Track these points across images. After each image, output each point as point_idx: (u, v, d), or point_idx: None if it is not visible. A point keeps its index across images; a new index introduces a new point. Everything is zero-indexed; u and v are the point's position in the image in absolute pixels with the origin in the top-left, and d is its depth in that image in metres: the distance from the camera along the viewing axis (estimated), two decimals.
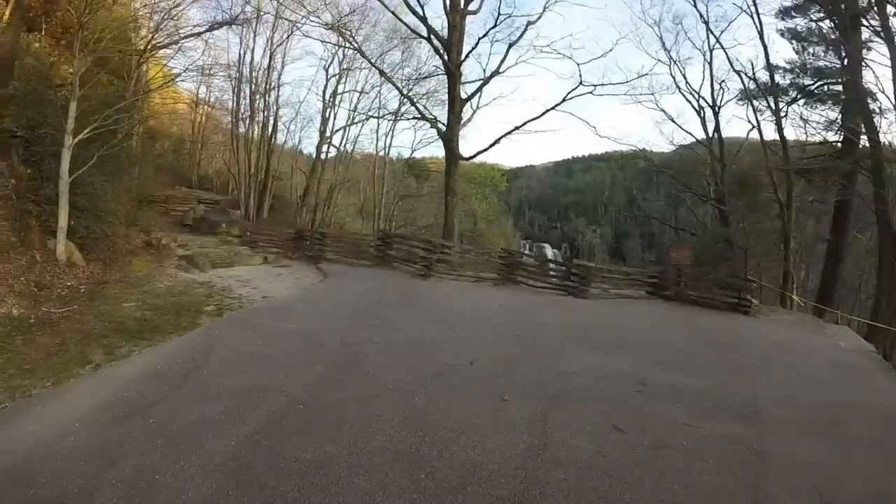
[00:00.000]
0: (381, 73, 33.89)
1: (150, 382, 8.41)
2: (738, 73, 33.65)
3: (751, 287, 20.76)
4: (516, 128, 30.23)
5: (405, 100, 36.17)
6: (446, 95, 30.65)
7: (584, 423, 8.21)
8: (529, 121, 30.53)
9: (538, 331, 14.34)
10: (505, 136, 30.41)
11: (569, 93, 30.50)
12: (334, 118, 44.24)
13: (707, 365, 12.30)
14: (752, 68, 33.14)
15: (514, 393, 9.24)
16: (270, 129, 42.40)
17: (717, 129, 35.64)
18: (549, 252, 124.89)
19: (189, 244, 24.11)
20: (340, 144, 46.82)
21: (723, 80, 35.40)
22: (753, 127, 34.36)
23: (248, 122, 41.62)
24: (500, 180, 59.21)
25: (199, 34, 35.41)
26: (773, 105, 31.32)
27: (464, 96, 29.92)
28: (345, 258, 24.81)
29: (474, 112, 33.23)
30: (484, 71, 30.89)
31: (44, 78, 17.50)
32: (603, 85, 32.28)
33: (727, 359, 13.17)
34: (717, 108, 35.48)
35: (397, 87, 35.74)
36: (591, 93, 30.72)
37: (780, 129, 30.79)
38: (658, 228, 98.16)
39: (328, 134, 43.77)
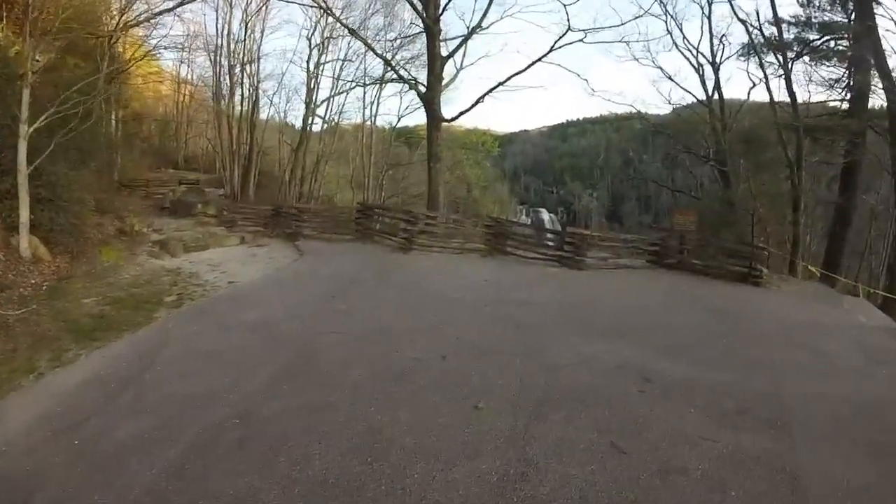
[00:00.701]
0: (354, 33, 31.57)
1: (89, 392, 7.73)
2: (742, 22, 30.62)
3: (762, 255, 18.46)
4: (500, 83, 27.80)
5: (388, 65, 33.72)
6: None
7: (575, 440, 6.55)
8: (514, 75, 28.17)
9: (525, 312, 12.53)
10: (488, 93, 27.92)
11: (556, 41, 28.02)
12: (318, 89, 42.46)
13: (720, 352, 10.41)
14: (758, 18, 30.37)
15: (490, 397, 7.67)
16: (251, 102, 40.87)
17: (717, 86, 33.19)
18: (546, 216, 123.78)
19: (164, 228, 23.28)
20: (326, 115, 45.16)
21: (723, 35, 32.77)
22: (755, 84, 32.26)
23: (227, 96, 40.00)
24: (491, 145, 57.18)
25: (170, 10, 34.23)
26: (780, 59, 28.88)
27: (445, 54, 27.61)
28: (324, 234, 23.21)
29: (458, 72, 31.36)
30: (467, 27, 28.48)
31: (2, 66, 16.12)
32: (594, 30, 29.52)
33: (742, 343, 11.17)
34: (717, 65, 33.01)
35: (373, 50, 33.49)
36: (581, 41, 28.22)
37: (788, 85, 28.17)
38: (655, 191, 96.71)
39: (313, 105, 42.08)
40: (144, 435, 6.44)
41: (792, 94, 27.88)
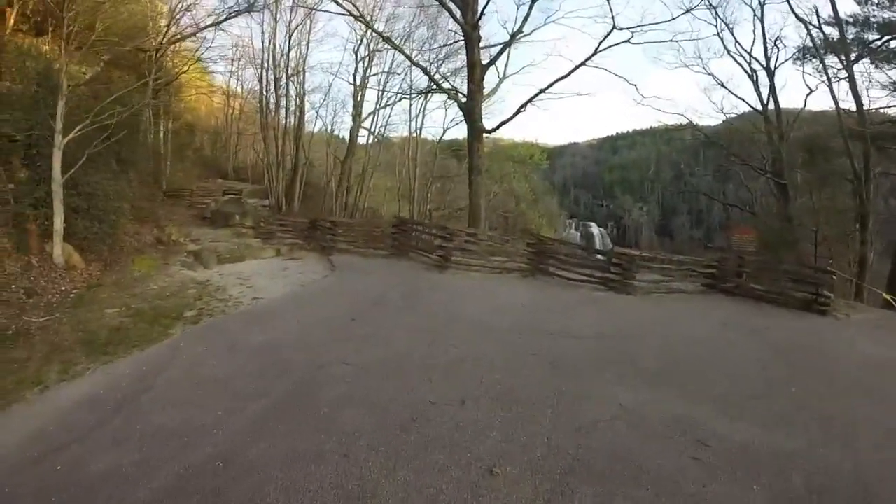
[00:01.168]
0: (391, 43, 29.94)
1: (83, 413, 7.45)
2: (801, 20, 28.67)
3: (829, 280, 16.10)
4: (542, 90, 25.90)
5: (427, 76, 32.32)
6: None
7: None
8: (557, 81, 26.04)
9: (562, 346, 11.01)
10: (530, 101, 26.33)
11: (601, 42, 25.91)
12: (363, 101, 42.00)
13: (789, 406, 8.63)
14: (817, 16, 28.25)
15: (509, 459, 6.29)
16: (297, 114, 40.40)
17: (772, 92, 31.18)
18: (596, 230, 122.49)
19: (202, 238, 22.90)
20: (372, 127, 44.37)
21: (777, 38, 31.06)
22: (811, 91, 30.52)
23: (274, 109, 39.39)
24: (539, 158, 55.40)
25: (216, 24, 34.63)
26: (843, 60, 26.62)
27: (486, 62, 25.91)
28: (359, 248, 22.33)
29: (501, 81, 29.46)
30: (509, 34, 26.63)
31: (46, 79, 16.26)
32: (640, 27, 27.18)
33: (814, 393, 9.26)
34: (771, 70, 31.05)
35: (412, 61, 32.07)
36: (628, 41, 26.02)
37: (853, 88, 25.72)
38: (706, 204, 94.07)
39: (359, 117, 41.51)
40: (122, 469, 6.02)
41: (857, 98, 25.58)
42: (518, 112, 26.75)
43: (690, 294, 17.18)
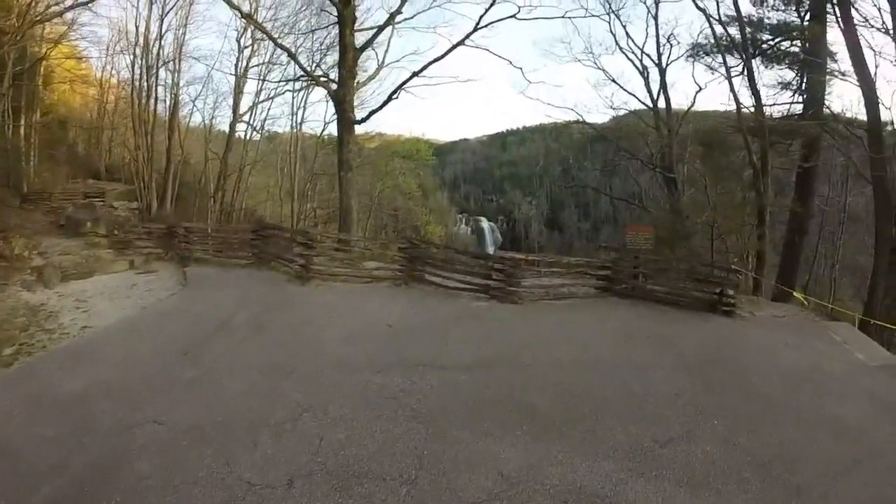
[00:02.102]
0: (251, 20, 26.02)
1: None
2: (701, 10, 26.80)
3: (735, 279, 14.58)
4: (415, 73, 22.88)
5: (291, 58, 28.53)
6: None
7: None
8: (432, 62, 22.84)
9: (431, 384, 8.56)
10: (403, 85, 23.06)
11: (482, 16, 22.81)
12: (243, 94, 38.80)
13: (719, 449, 6.61)
14: (717, 8, 26.54)
15: None
16: (171, 106, 37.51)
17: (663, 89, 29.85)
18: (486, 225, 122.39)
19: (50, 250, 20.03)
20: (253, 121, 40.50)
21: (670, 35, 29.62)
22: (700, 89, 29.17)
23: (145, 100, 35.90)
24: (426, 153, 52.57)
25: (84, 3, 30.10)
26: (743, 56, 25.22)
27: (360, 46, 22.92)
28: (219, 256, 19.53)
29: (380, 67, 25.73)
30: (389, 14, 23.37)
31: None
32: (529, 5, 24.18)
33: (745, 425, 7.32)
34: (663, 67, 29.78)
35: (273, 39, 28.99)
36: (514, 16, 23.24)
37: (752, 85, 24.42)
38: (593, 198, 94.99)
39: (240, 110, 38.26)
40: None
41: (756, 93, 24.48)
42: (390, 99, 23.14)
43: (583, 299, 14.88)
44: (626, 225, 17.96)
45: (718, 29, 26.66)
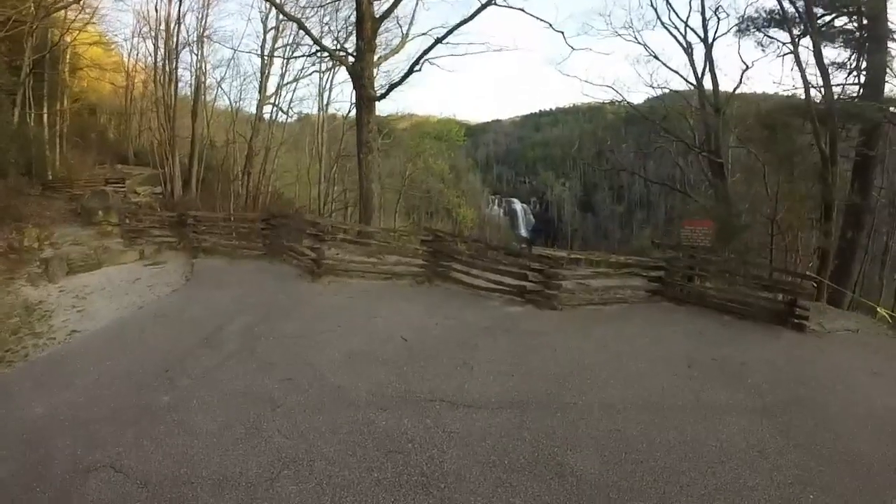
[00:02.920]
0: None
1: None
2: None
3: (809, 289, 11.91)
4: (439, 40, 19.94)
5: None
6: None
7: None
8: (459, 25, 19.89)
9: (447, 429, 6.45)
10: (426, 53, 20.29)
11: None
12: (269, 76, 37.09)
13: None
14: None
15: None
16: (194, 89, 35.75)
17: (710, 66, 26.82)
18: (519, 207, 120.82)
19: (62, 240, 19.17)
20: (277, 101, 38.80)
21: (717, 7, 26.69)
22: (748, 67, 26.29)
23: (167, 83, 34.34)
24: (458, 133, 49.89)
25: None
26: (805, 27, 21.90)
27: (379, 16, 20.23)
28: (229, 247, 17.77)
29: (405, 40, 23.13)
30: None
31: None
32: None
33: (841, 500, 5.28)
34: (709, 43, 26.75)
35: (282, 11, 26.79)
36: None
37: (819, 60, 20.61)
38: (628, 181, 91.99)
39: (266, 92, 36.68)
40: None
41: (824, 71, 20.82)
42: (412, 71, 20.52)
43: (633, 305, 12.60)
44: (683, 219, 15.05)
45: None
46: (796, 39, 22.10)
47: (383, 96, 20.41)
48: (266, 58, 34.99)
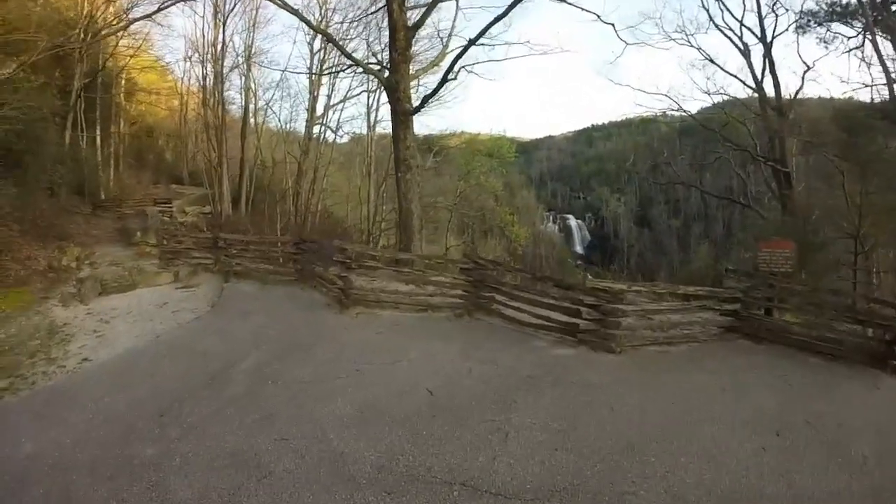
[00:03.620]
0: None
1: None
2: None
3: None
4: (472, 42, 17.25)
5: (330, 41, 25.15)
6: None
7: None
8: (492, 23, 17.09)
9: None
10: (460, 58, 17.93)
11: None
12: (318, 97, 36.07)
13: None
14: None
15: None
16: (244, 110, 35.79)
17: (770, 68, 24.60)
18: (574, 223, 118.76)
19: (101, 260, 18.84)
20: (326, 121, 38.12)
21: (775, 2, 24.35)
22: (809, 68, 24.17)
23: (216, 105, 33.90)
24: (509, 150, 47.92)
25: (148, 16, 28.48)
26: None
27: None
28: (261, 271, 16.56)
29: (444, 51, 20.49)
30: None
31: None
32: None
33: None
34: (768, 42, 24.51)
35: (310, 25, 23.87)
36: None
37: None
38: (684, 194, 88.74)
39: (315, 113, 35.74)
40: None
41: None
42: (446, 80, 18.38)
43: (704, 344, 10.61)
44: (759, 241, 12.51)
45: None
46: (868, 32, 19.97)
47: (418, 109, 18.29)
48: (312, 77, 34.40)
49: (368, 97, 37.93)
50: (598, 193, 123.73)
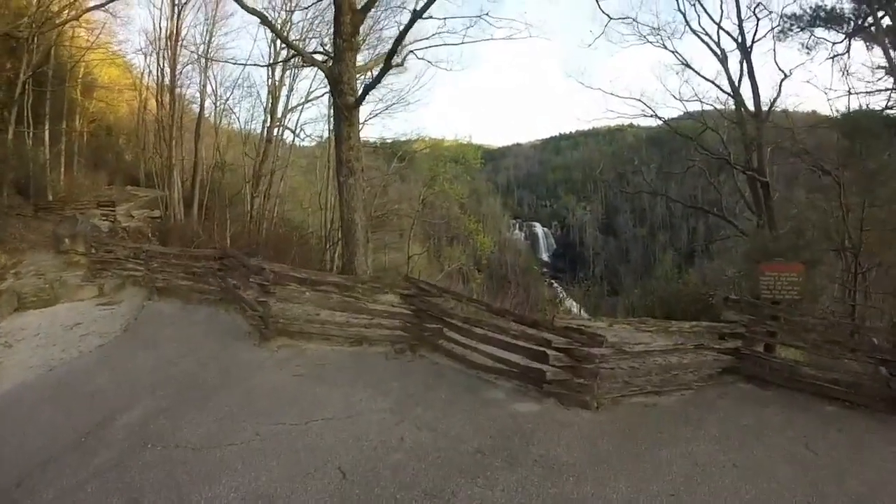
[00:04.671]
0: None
1: None
2: None
3: None
4: (417, 15, 13.72)
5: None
6: None
7: None
8: None
9: None
10: (406, 33, 14.88)
11: None
12: (278, 96, 33.55)
13: None
14: None
15: None
16: (199, 108, 33.64)
17: (749, 73, 22.83)
18: (540, 230, 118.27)
19: (25, 271, 17.02)
20: (285, 124, 35.40)
21: (757, 4, 22.66)
22: (786, 76, 22.63)
23: (169, 102, 31.63)
24: (474, 156, 45.33)
25: (101, 5, 28.19)
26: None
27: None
28: (183, 288, 14.21)
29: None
30: None
31: None
32: None
33: None
34: (747, 47, 22.73)
35: (247, 9, 19.45)
36: None
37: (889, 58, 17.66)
38: (649, 203, 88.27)
39: (276, 113, 33.35)
40: None
41: None
42: (390, 62, 15.07)
43: (699, 390, 8.34)
44: (761, 264, 10.05)
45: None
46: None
47: (359, 101, 15.17)
48: (268, 69, 32.36)
49: (330, 99, 35.69)
50: (565, 201, 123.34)
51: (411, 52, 16.39)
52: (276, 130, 33.70)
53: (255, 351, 9.65)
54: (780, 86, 23.12)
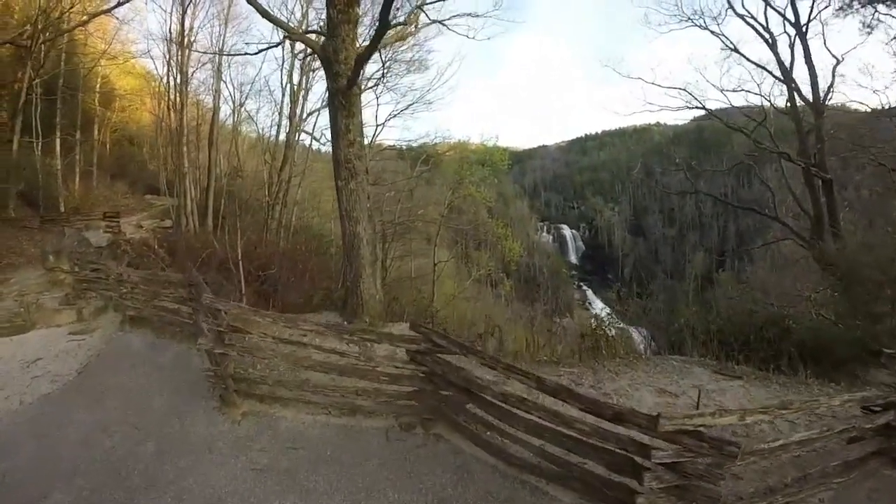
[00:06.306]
0: None
1: None
2: None
3: None
4: None
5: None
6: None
7: None
8: None
9: None
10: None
11: None
12: (299, 101, 30.76)
13: None
14: None
15: None
16: (213, 115, 31.55)
17: (805, 56, 19.42)
18: (568, 233, 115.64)
19: (10, 289, 15.76)
20: (302, 128, 32.12)
21: None
22: (839, 61, 19.18)
23: (180, 108, 29.35)
24: (500, 158, 42.35)
25: (105, 11, 28.17)
26: None
27: None
28: (156, 318, 11.45)
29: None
30: None
31: None
32: None
33: None
34: (801, 26, 19.37)
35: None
36: None
37: None
38: (678, 203, 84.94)
39: (297, 119, 30.63)
40: None
41: None
42: (385, 24, 9.89)
43: (841, 487, 5.29)
44: None
45: None
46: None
47: (353, 80, 10.79)
48: (294, 85, 30.00)
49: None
50: (592, 203, 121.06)
51: (418, 7, 13.26)
52: (295, 135, 31.10)
53: (212, 419, 6.88)
54: (834, 72, 19.48)
